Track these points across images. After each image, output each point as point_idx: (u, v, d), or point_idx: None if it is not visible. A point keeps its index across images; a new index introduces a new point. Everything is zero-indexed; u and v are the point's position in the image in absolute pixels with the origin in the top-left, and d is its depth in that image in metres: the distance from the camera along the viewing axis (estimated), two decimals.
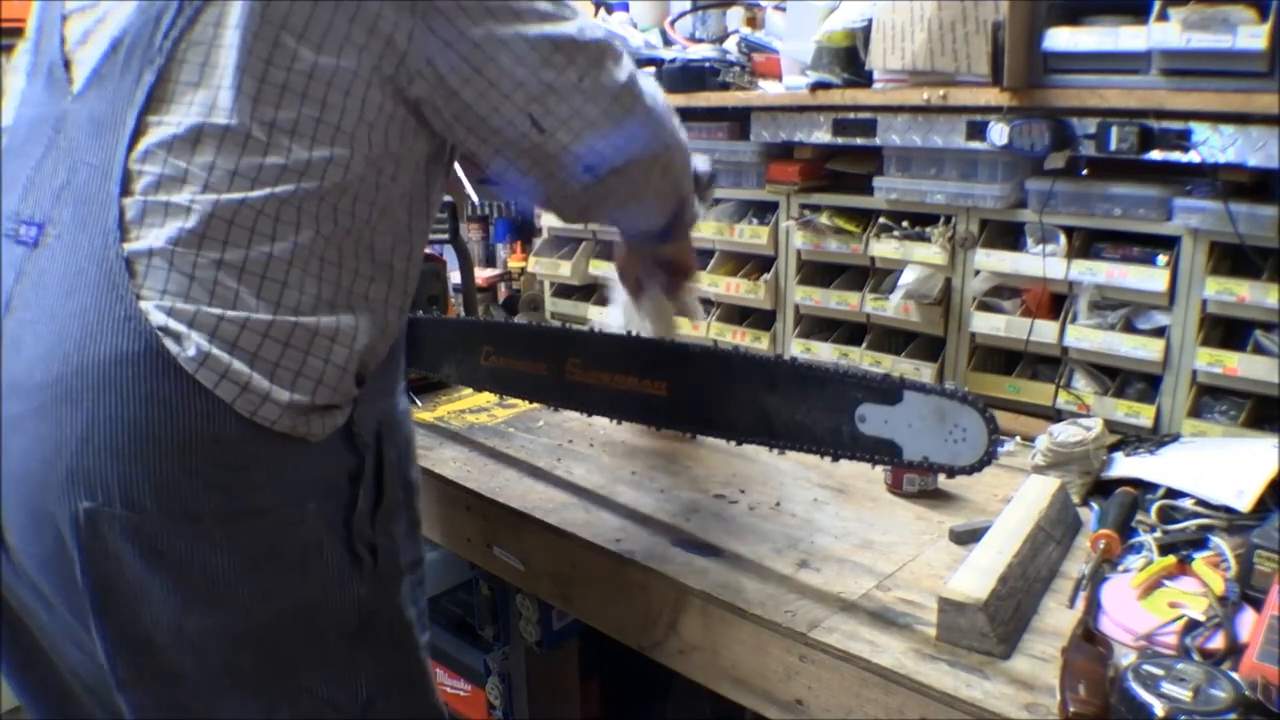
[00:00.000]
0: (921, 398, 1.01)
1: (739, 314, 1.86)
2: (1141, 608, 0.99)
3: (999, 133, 1.38)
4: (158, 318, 0.86)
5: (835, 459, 1.09)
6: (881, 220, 1.61)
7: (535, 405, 1.62)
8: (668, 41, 1.97)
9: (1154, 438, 1.36)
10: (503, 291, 2.39)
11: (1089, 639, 0.91)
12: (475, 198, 2.41)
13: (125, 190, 0.88)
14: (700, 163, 1.32)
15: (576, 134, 1.00)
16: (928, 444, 1.01)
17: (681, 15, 1.97)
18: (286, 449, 0.92)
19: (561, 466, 1.45)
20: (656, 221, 1.24)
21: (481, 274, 2.24)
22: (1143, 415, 1.39)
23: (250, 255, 0.90)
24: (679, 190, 1.20)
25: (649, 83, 1.08)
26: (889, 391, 1.03)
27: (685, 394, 1.21)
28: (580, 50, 0.99)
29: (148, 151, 0.89)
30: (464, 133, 1.00)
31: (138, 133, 0.89)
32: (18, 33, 1.09)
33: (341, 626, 0.99)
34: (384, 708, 1.04)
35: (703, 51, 1.80)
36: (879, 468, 1.23)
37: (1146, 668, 0.82)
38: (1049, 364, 1.52)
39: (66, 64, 0.96)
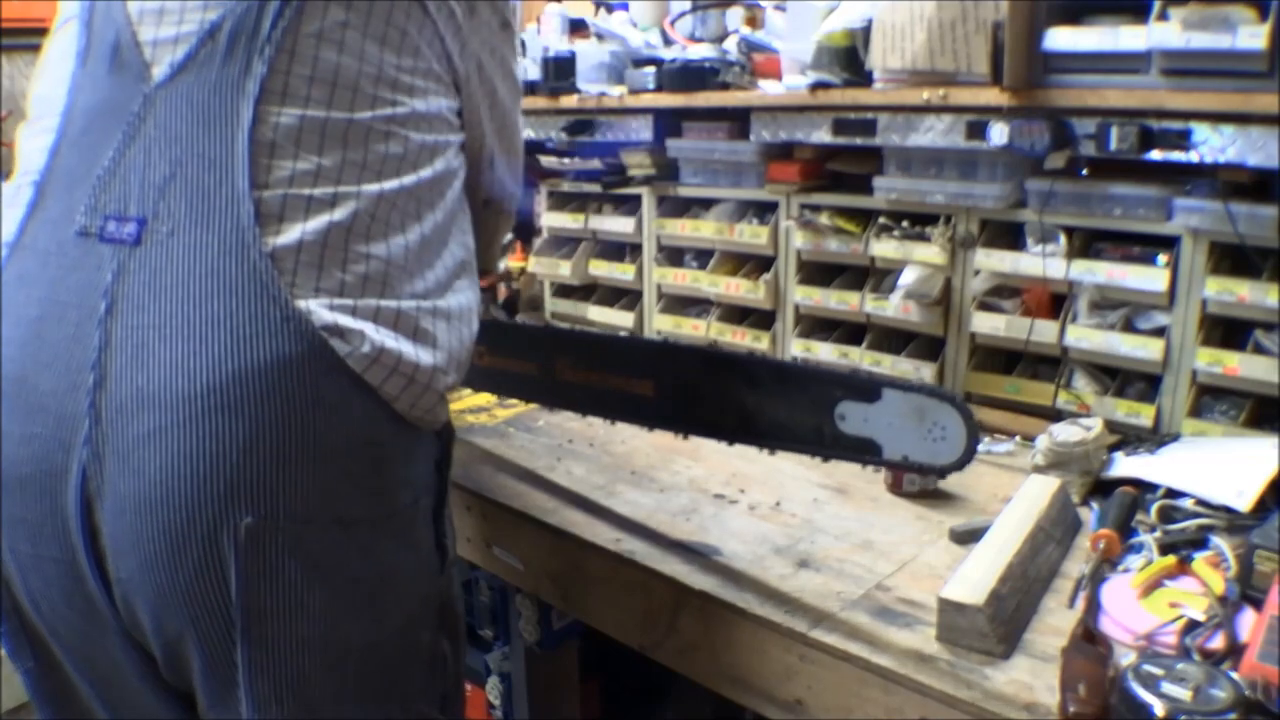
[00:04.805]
0: (900, 395, 1.01)
1: (739, 314, 1.86)
2: (1141, 608, 0.99)
3: (999, 133, 1.38)
4: (322, 316, 0.83)
5: (815, 456, 1.09)
6: (881, 220, 1.61)
7: (535, 405, 1.62)
8: (668, 41, 1.97)
9: (1154, 438, 1.36)
10: (503, 292, 2.38)
11: (1089, 639, 0.91)
12: None
13: (255, 183, 0.84)
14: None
15: (499, 178, 1.14)
16: (907, 442, 1.01)
17: (681, 15, 1.97)
18: (414, 441, 0.92)
19: (561, 466, 1.45)
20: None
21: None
22: (1143, 415, 1.39)
23: (391, 247, 0.89)
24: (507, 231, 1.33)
25: None
26: (868, 389, 1.03)
27: (670, 393, 1.22)
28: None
29: (274, 144, 0.86)
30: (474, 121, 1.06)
31: (256, 123, 0.85)
32: (19, 32, 1.06)
33: (433, 623, 0.98)
34: (455, 704, 1.05)
35: (703, 51, 1.80)
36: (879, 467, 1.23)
37: (1146, 668, 0.82)
38: (1049, 364, 1.52)
39: (137, 46, 0.90)
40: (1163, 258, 1.35)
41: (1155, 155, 1.31)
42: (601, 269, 2.04)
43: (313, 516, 0.83)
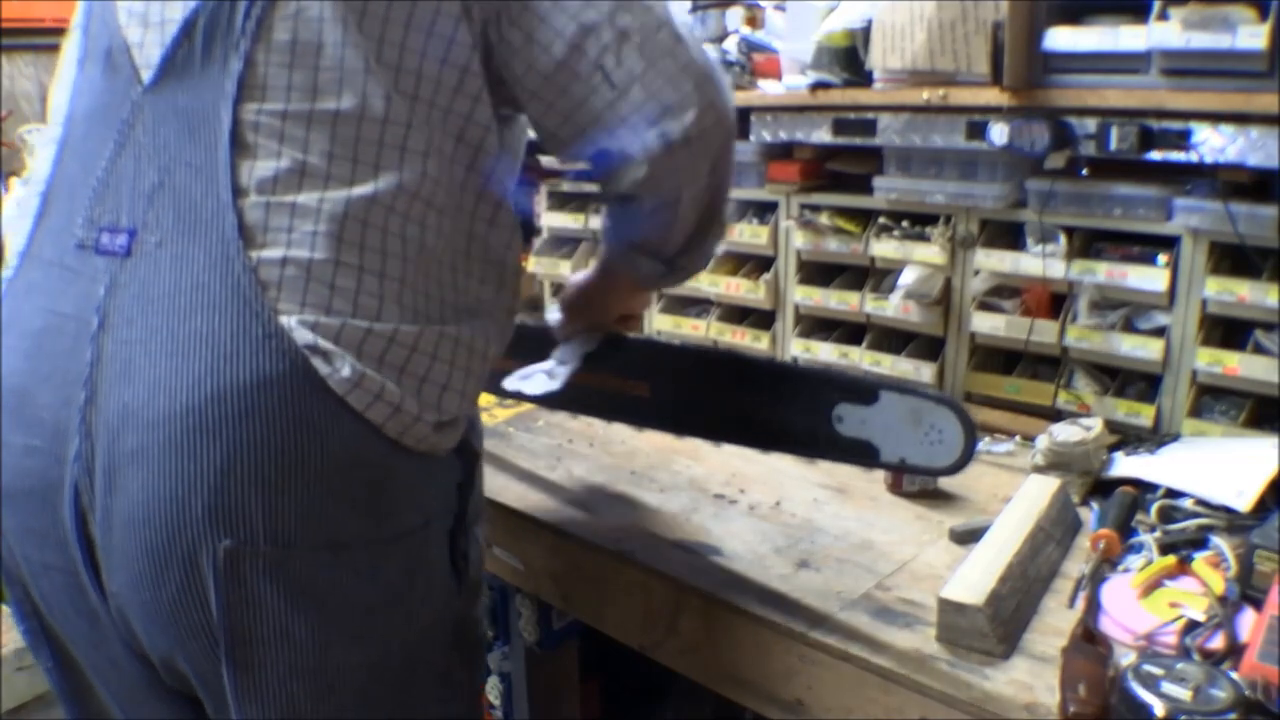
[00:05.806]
0: (897, 398, 1.01)
1: (739, 314, 1.86)
2: (1141, 608, 0.99)
3: (999, 133, 1.38)
4: (303, 335, 0.78)
5: (812, 459, 1.08)
6: (881, 220, 1.61)
7: (535, 405, 1.62)
8: None
9: (1154, 438, 1.36)
10: None
11: (1089, 639, 0.91)
12: None
13: (238, 192, 0.80)
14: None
15: (651, 92, 0.88)
16: (905, 445, 1.01)
17: None
18: (420, 466, 0.87)
19: (561, 466, 1.45)
20: (701, 208, 1.04)
21: None
22: (1143, 415, 1.39)
23: (386, 259, 0.82)
24: (730, 168, 1.05)
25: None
26: (865, 392, 1.03)
27: (666, 395, 1.22)
28: None
29: (256, 146, 0.81)
30: (536, 86, 0.88)
31: (237, 125, 0.81)
32: (19, 32, 1.05)
33: (445, 644, 0.95)
34: None
35: None
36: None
37: (1146, 668, 0.82)
38: (1049, 364, 1.52)
39: (127, 49, 0.87)
40: (1163, 258, 1.35)
41: (1155, 155, 1.31)
42: None
43: (295, 541, 0.80)
